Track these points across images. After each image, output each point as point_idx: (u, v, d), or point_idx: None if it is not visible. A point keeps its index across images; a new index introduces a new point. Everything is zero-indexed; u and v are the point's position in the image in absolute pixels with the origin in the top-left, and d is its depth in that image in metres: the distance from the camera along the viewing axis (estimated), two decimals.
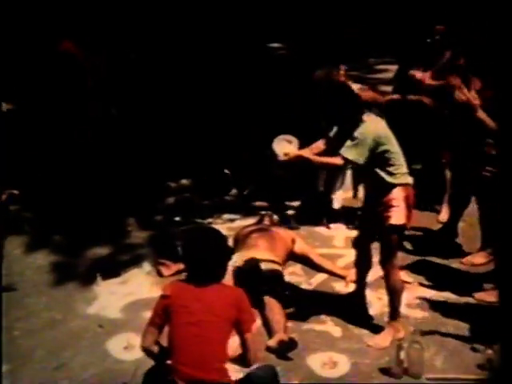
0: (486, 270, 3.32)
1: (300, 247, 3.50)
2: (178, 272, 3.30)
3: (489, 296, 3.13)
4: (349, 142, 2.75)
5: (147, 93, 4.51)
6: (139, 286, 3.36)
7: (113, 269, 3.51)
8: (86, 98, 4.12)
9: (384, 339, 2.88)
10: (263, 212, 3.98)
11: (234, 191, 4.55)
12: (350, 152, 2.74)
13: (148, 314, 2.37)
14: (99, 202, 4.07)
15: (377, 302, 3.20)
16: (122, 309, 3.17)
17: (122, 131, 4.33)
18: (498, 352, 2.20)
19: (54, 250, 3.73)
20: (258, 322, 2.98)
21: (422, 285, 3.35)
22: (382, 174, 2.79)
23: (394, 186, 2.80)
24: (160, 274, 3.42)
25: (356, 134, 2.75)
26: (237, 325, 2.25)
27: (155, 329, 2.27)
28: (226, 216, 4.20)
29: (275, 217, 3.96)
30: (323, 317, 3.10)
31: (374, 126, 2.78)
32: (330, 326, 3.03)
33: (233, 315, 2.23)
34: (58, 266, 3.58)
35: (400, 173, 2.82)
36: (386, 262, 2.88)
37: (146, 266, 3.57)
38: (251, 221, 3.98)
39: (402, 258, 3.58)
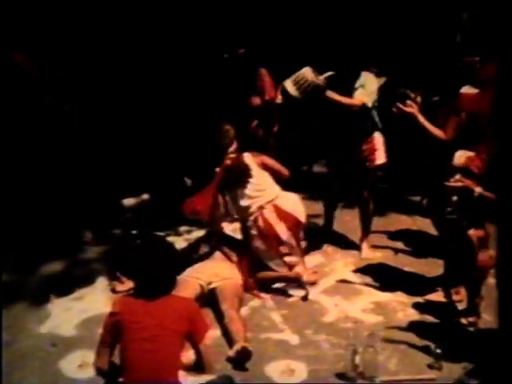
0: (437, 274, 3.42)
1: None
2: (133, 288, 3.25)
3: (437, 296, 3.24)
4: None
5: (106, 102, 4.43)
6: (95, 302, 3.29)
7: (67, 285, 3.43)
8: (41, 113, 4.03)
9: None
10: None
11: None
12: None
13: None
14: (53, 216, 3.97)
15: (333, 309, 3.25)
16: (77, 326, 3.10)
17: (79, 143, 4.25)
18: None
19: (3, 267, 3.58)
20: (218, 332, 2.99)
21: (375, 289, 3.42)
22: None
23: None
24: (114, 291, 3.37)
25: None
26: (189, 336, 2.24)
27: (107, 348, 2.24)
28: (183, 228, 4.18)
29: None
30: (280, 325, 3.12)
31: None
32: (287, 334, 3.05)
33: (185, 327, 2.21)
34: (8, 284, 3.46)
35: None
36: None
37: (102, 281, 3.50)
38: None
39: (355, 262, 3.70)
